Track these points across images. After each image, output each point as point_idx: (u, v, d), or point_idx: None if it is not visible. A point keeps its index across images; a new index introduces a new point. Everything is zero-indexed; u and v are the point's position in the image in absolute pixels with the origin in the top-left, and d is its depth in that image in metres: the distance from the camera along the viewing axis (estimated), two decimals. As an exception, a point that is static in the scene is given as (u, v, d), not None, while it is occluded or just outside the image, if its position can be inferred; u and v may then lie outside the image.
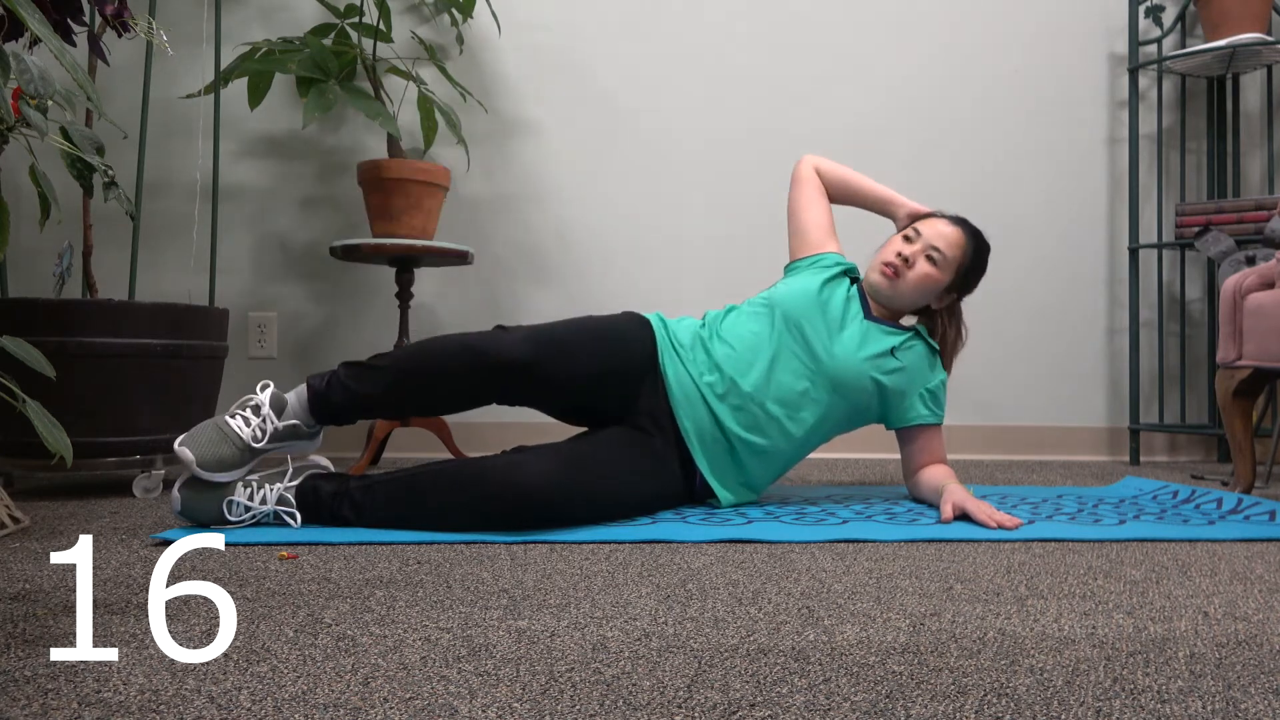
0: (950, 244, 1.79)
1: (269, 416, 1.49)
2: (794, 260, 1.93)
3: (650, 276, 2.86)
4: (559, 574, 1.21)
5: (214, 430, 1.46)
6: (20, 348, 1.22)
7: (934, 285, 1.80)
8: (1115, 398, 2.97)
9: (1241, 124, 3.00)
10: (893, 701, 0.76)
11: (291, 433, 1.52)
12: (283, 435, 1.51)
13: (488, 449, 2.76)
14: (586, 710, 0.73)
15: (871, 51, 2.93)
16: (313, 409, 1.53)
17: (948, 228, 1.81)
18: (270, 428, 1.49)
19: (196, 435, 1.45)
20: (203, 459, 1.42)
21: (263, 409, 1.50)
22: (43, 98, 1.23)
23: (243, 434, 1.46)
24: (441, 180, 2.38)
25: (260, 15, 2.77)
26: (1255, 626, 1.00)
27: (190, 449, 1.42)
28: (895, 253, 1.79)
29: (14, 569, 1.21)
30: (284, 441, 1.52)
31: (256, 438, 1.47)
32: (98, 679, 0.79)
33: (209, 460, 1.43)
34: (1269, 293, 1.87)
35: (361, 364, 1.56)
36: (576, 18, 2.86)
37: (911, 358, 1.80)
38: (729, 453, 1.71)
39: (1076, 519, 1.66)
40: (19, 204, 2.62)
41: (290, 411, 1.52)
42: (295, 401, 1.53)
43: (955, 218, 1.84)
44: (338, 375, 1.55)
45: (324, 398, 1.53)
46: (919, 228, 1.81)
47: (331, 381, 1.54)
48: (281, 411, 1.51)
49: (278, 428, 1.50)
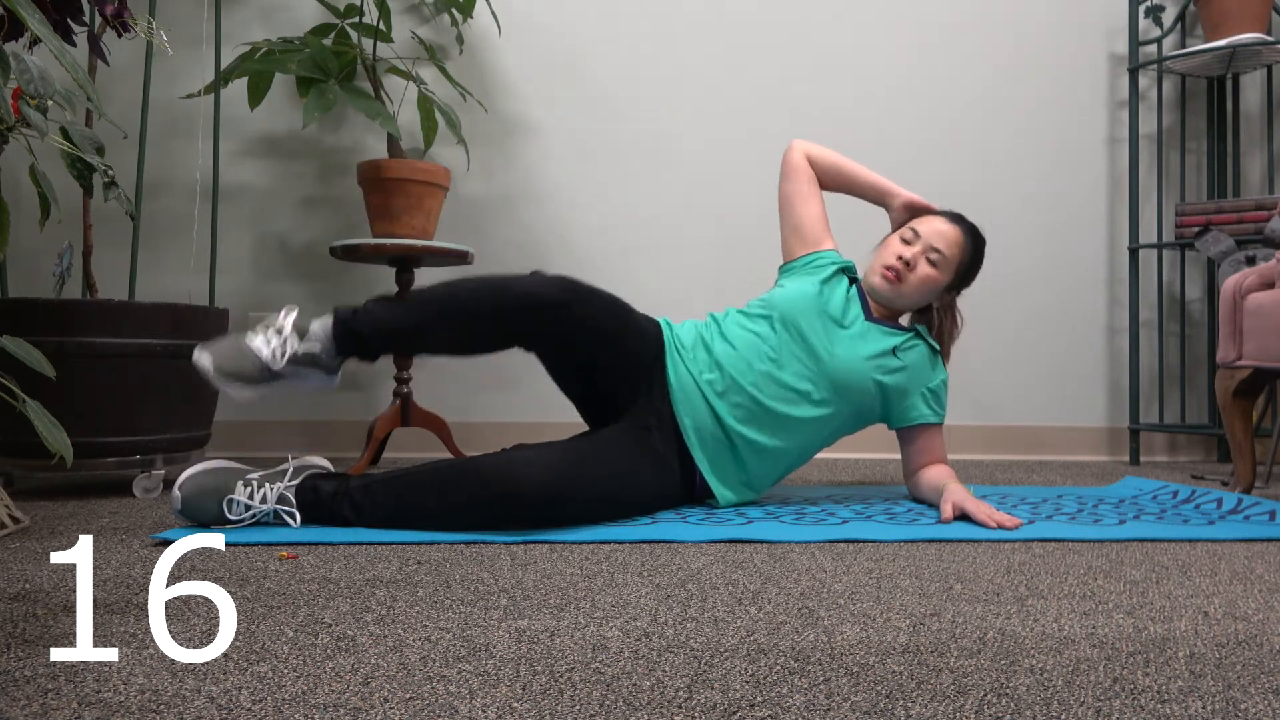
0: (950, 243, 1.78)
1: (290, 338, 1.47)
2: (789, 261, 1.92)
3: (650, 276, 2.86)
4: (559, 574, 1.21)
5: (234, 344, 1.44)
6: (20, 348, 1.22)
7: (936, 287, 1.80)
8: (1115, 398, 2.97)
9: (1241, 124, 3.00)
10: (893, 701, 0.76)
11: (310, 360, 1.49)
12: (301, 360, 1.48)
13: (488, 449, 2.76)
14: (586, 710, 0.73)
15: (871, 51, 2.93)
16: (337, 338, 1.50)
17: (946, 226, 1.80)
18: (290, 350, 1.46)
19: (216, 345, 1.43)
20: (221, 366, 1.41)
21: (285, 330, 1.48)
22: (43, 98, 1.23)
23: (262, 353, 1.44)
24: (441, 180, 2.38)
25: (260, 15, 2.77)
26: (1255, 626, 1.00)
27: (210, 356, 1.41)
28: (896, 256, 1.78)
29: (14, 569, 1.21)
30: (301, 369, 1.49)
31: (275, 359, 1.45)
32: (98, 679, 0.79)
33: (227, 369, 1.41)
34: (1269, 293, 1.87)
35: (392, 296, 1.54)
36: (576, 18, 2.86)
37: (913, 357, 1.79)
38: (729, 450, 1.71)
39: (1076, 519, 1.66)
40: (19, 204, 2.62)
41: (313, 336, 1.49)
42: (319, 329, 1.50)
43: (951, 214, 1.83)
44: (367, 305, 1.53)
45: (350, 327, 1.51)
46: (917, 228, 1.80)
47: (360, 311, 1.52)
48: (304, 336, 1.49)
49: (297, 352, 1.47)
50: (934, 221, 1.81)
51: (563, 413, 2.73)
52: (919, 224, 1.81)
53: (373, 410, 2.78)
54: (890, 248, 1.81)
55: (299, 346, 1.47)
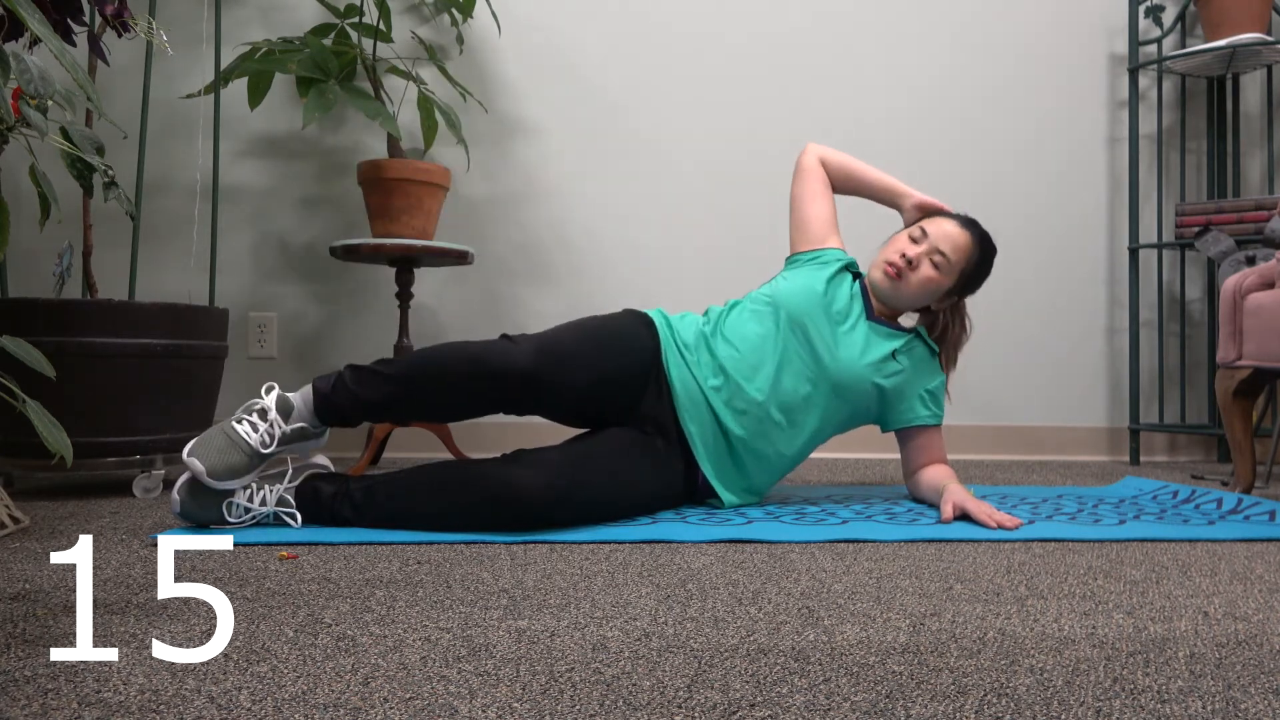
0: (956, 248, 1.76)
1: (276, 421, 1.48)
2: (795, 253, 1.91)
3: (650, 276, 2.86)
4: (559, 574, 1.21)
5: (222, 438, 1.45)
6: (20, 348, 1.22)
7: (936, 289, 1.78)
8: (1115, 398, 2.97)
9: (1241, 124, 3.00)
10: (893, 701, 0.76)
11: (299, 435, 1.51)
12: (290, 438, 1.50)
13: (488, 449, 2.76)
14: (586, 710, 0.73)
15: (871, 52, 2.93)
16: (318, 411, 1.53)
17: (955, 230, 1.78)
18: (278, 432, 1.48)
19: (205, 443, 1.43)
20: (213, 468, 1.42)
21: (269, 413, 1.49)
22: (43, 98, 1.23)
23: (250, 440, 1.45)
24: (441, 180, 2.38)
25: (260, 15, 2.77)
26: (1255, 626, 1.00)
27: (200, 459, 1.41)
28: (900, 253, 1.76)
29: (14, 569, 1.21)
30: (291, 444, 1.51)
31: (265, 443, 1.46)
32: (98, 679, 0.79)
33: (219, 469, 1.42)
34: (1269, 293, 1.87)
35: (367, 369, 1.55)
36: (576, 18, 2.86)
37: (912, 360, 1.79)
38: (731, 458, 1.71)
39: (1076, 519, 1.66)
40: (19, 204, 2.62)
41: (297, 415, 1.51)
42: (301, 404, 1.52)
43: (964, 218, 1.81)
44: (343, 379, 1.54)
45: (329, 401, 1.52)
46: (927, 228, 1.78)
47: (337, 385, 1.53)
48: (288, 415, 1.50)
49: (285, 432, 1.49)
50: (945, 223, 1.79)
51: (563, 413, 2.73)
52: (930, 224, 1.79)
53: (373, 410, 2.78)
54: (895, 244, 1.80)
55: (286, 428, 1.49)
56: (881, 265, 1.78)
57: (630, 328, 1.73)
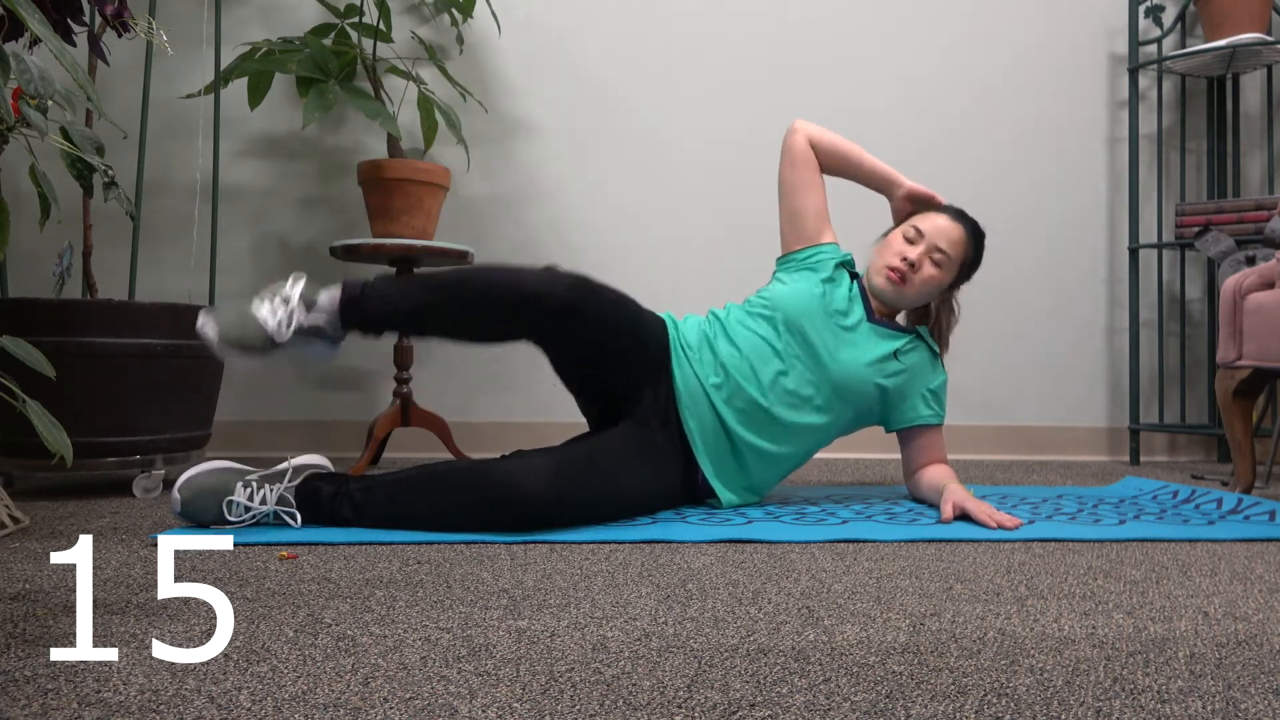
0: (954, 242, 1.76)
1: (298, 310, 1.44)
2: (788, 253, 1.88)
3: (650, 276, 2.86)
4: (559, 574, 1.21)
5: (238, 313, 1.41)
6: (20, 348, 1.22)
7: (940, 287, 1.79)
8: (1115, 398, 2.97)
9: (1241, 124, 3.00)
10: (893, 701, 0.76)
11: (315, 331, 1.47)
12: (307, 332, 1.46)
13: (488, 449, 2.76)
14: (586, 710, 0.73)
15: (871, 51, 2.93)
16: (343, 310, 1.48)
17: (949, 224, 1.77)
18: (297, 321, 1.44)
19: (221, 311, 1.40)
20: (225, 334, 1.38)
21: (292, 300, 1.45)
22: (43, 98, 1.23)
23: (268, 324, 1.41)
24: (441, 180, 2.38)
25: (260, 15, 2.77)
26: (1255, 626, 1.00)
27: (213, 323, 1.38)
28: (899, 255, 1.75)
29: (14, 569, 1.21)
30: (306, 339, 1.47)
31: (282, 329, 1.42)
32: (98, 679, 0.79)
33: (232, 338, 1.39)
34: (1269, 293, 1.87)
35: (403, 276, 1.50)
36: (576, 18, 2.86)
37: (913, 360, 1.79)
38: (733, 455, 1.71)
39: (1076, 519, 1.66)
40: (19, 204, 2.62)
41: (319, 309, 1.47)
42: (326, 301, 1.48)
43: (953, 210, 1.81)
44: (376, 283, 1.51)
45: (357, 301, 1.48)
46: (920, 226, 1.78)
47: (368, 288, 1.50)
48: (311, 307, 1.46)
49: (303, 324, 1.45)
50: (937, 219, 1.78)
51: (563, 413, 2.73)
52: (921, 221, 1.78)
53: (373, 410, 2.78)
54: (893, 247, 1.79)
55: (305, 319, 1.45)
56: (883, 271, 1.77)
57: (650, 318, 1.74)
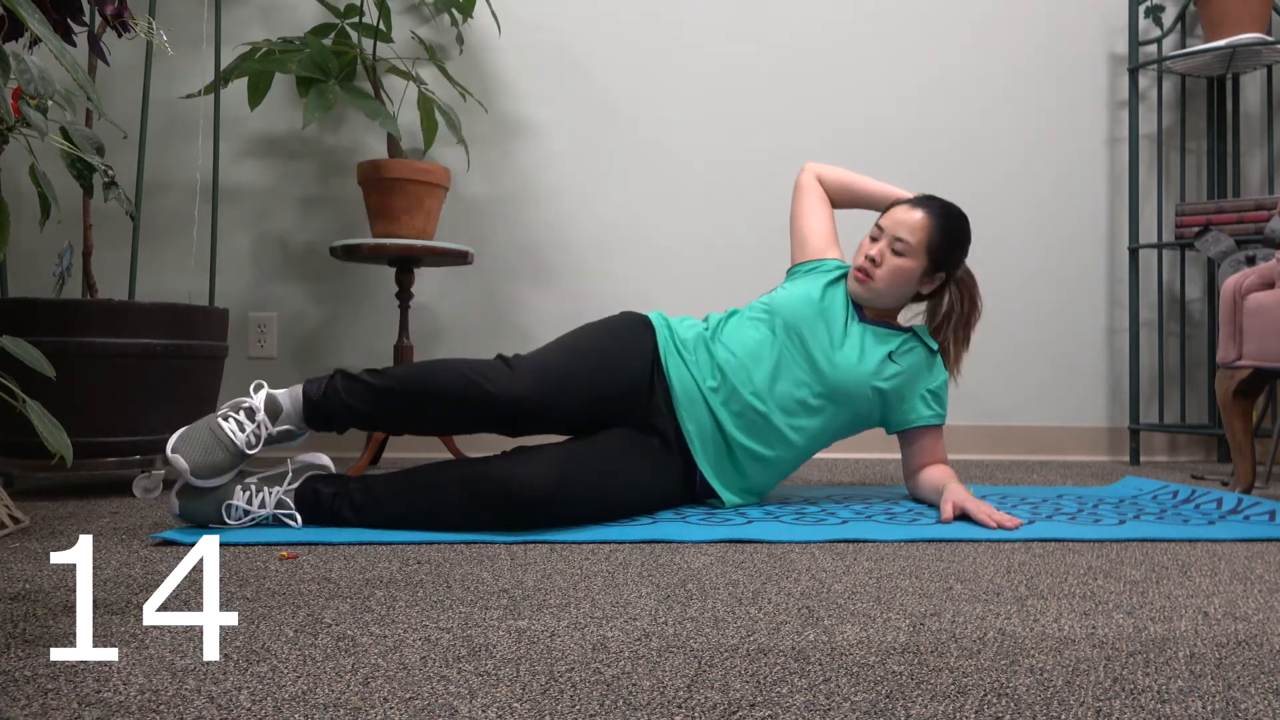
0: (912, 229, 1.74)
1: (264, 422, 1.48)
2: (795, 264, 1.92)
3: (649, 277, 2.86)
4: (559, 574, 1.21)
5: (207, 434, 1.44)
6: (20, 348, 1.22)
7: (907, 275, 1.76)
8: (1115, 398, 2.97)
9: (1241, 124, 3.00)
10: (893, 701, 0.76)
11: (284, 436, 1.52)
12: (275, 439, 1.51)
13: (488, 448, 2.76)
14: (586, 710, 0.73)
15: (871, 53, 2.93)
16: (306, 416, 1.52)
17: (908, 213, 1.76)
18: (265, 433, 1.48)
19: (189, 439, 1.43)
20: (196, 467, 1.41)
21: (257, 414, 1.48)
22: (43, 98, 1.23)
23: (236, 439, 1.45)
24: (441, 180, 2.38)
25: (260, 15, 2.77)
26: (1255, 626, 1.00)
27: (184, 456, 1.41)
28: (864, 255, 1.77)
29: (14, 569, 1.21)
30: (275, 444, 1.52)
31: (250, 444, 1.46)
32: (98, 679, 0.79)
33: (203, 468, 1.42)
34: (1269, 293, 1.87)
35: (359, 378, 1.53)
36: (577, 18, 2.86)
37: (910, 360, 1.79)
38: (730, 458, 1.71)
39: (1076, 519, 1.66)
40: (19, 204, 2.62)
41: (284, 416, 1.51)
42: (289, 405, 1.51)
43: (916, 199, 1.80)
44: (335, 386, 1.53)
45: (318, 408, 1.52)
46: (882, 223, 1.78)
47: (328, 391, 1.52)
48: (276, 417, 1.50)
49: (271, 433, 1.49)
50: (897, 211, 1.78)
51: (563, 413, 2.73)
52: (885, 218, 1.79)
53: (373, 410, 2.77)
54: (860, 249, 1.80)
55: (272, 429, 1.49)
56: (852, 274, 1.78)
57: (629, 333, 1.72)
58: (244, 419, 1.47)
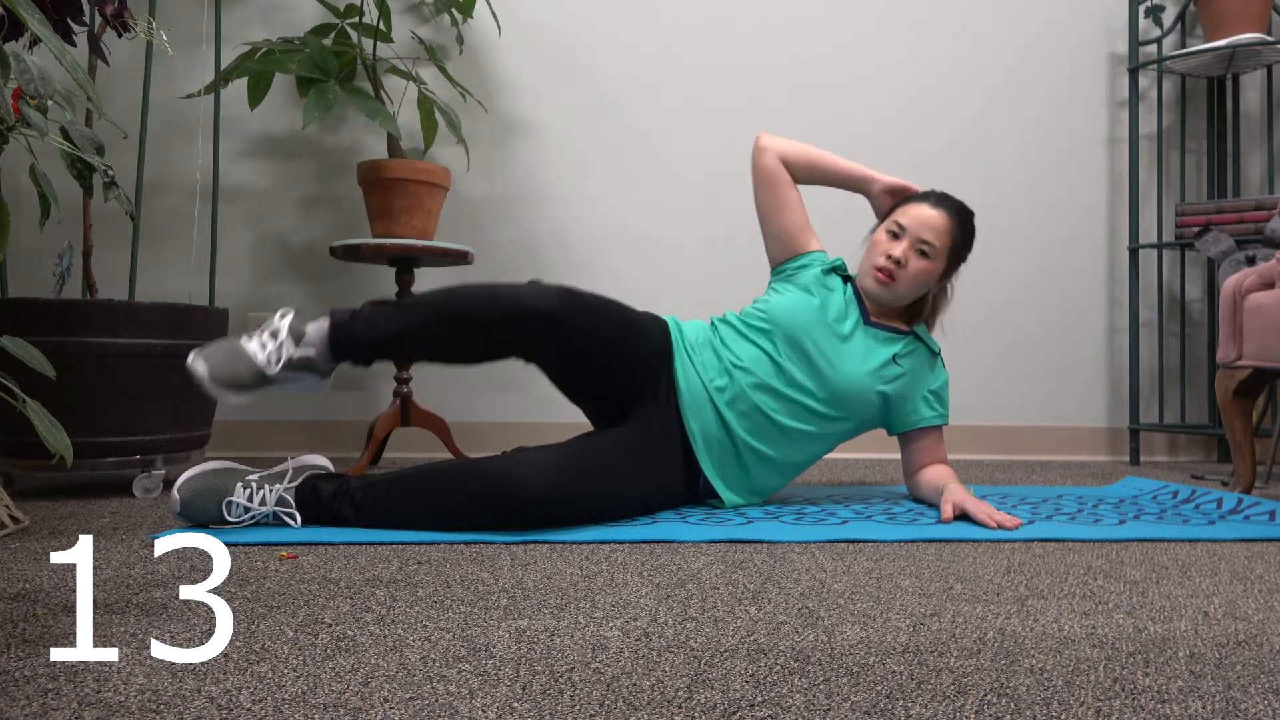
0: (938, 232, 1.73)
1: (286, 343, 1.47)
2: (779, 264, 1.88)
3: (649, 277, 2.86)
4: (559, 574, 1.21)
5: (229, 350, 1.44)
6: (20, 348, 1.22)
7: (930, 277, 1.76)
8: (1115, 398, 2.97)
9: (1241, 124, 3.00)
10: (893, 701, 0.76)
11: (305, 364, 1.49)
12: (296, 365, 1.48)
13: (488, 449, 2.76)
14: (586, 710, 0.73)
15: (871, 53, 2.93)
16: (332, 342, 1.50)
17: (930, 213, 1.74)
18: (286, 355, 1.46)
19: (211, 351, 1.43)
20: (216, 372, 1.40)
21: (280, 334, 1.47)
22: (43, 98, 1.23)
23: (258, 358, 1.44)
24: (441, 180, 2.38)
25: (260, 15, 2.77)
26: (1255, 626, 1.00)
27: (204, 362, 1.40)
28: (885, 254, 1.73)
29: (14, 569, 1.21)
30: (296, 372, 1.49)
31: (271, 363, 1.45)
32: (98, 679, 0.79)
33: (223, 375, 1.41)
34: (1269, 293, 1.87)
35: (390, 302, 1.53)
36: (577, 18, 2.86)
37: (912, 362, 1.79)
38: (735, 458, 1.70)
39: (1076, 519, 1.66)
40: (19, 204, 2.62)
41: (308, 341, 1.49)
42: (315, 333, 1.50)
43: (934, 196, 1.77)
44: (364, 310, 1.52)
45: (346, 330, 1.51)
46: (902, 220, 1.75)
47: (356, 315, 1.52)
48: (299, 340, 1.48)
49: (293, 356, 1.47)
50: (918, 209, 1.75)
51: (564, 413, 2.74)
52: (902, 215, 1.76)
53: (373, 410, 2.78)
54: (879, 246, 1.76)
55: (294, 351, 1.47)
56: (871, 273, 1.76)
57: (647, 320, 1.73)
58: (267, 339, 1.47)
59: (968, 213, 1.79)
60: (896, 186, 1.84)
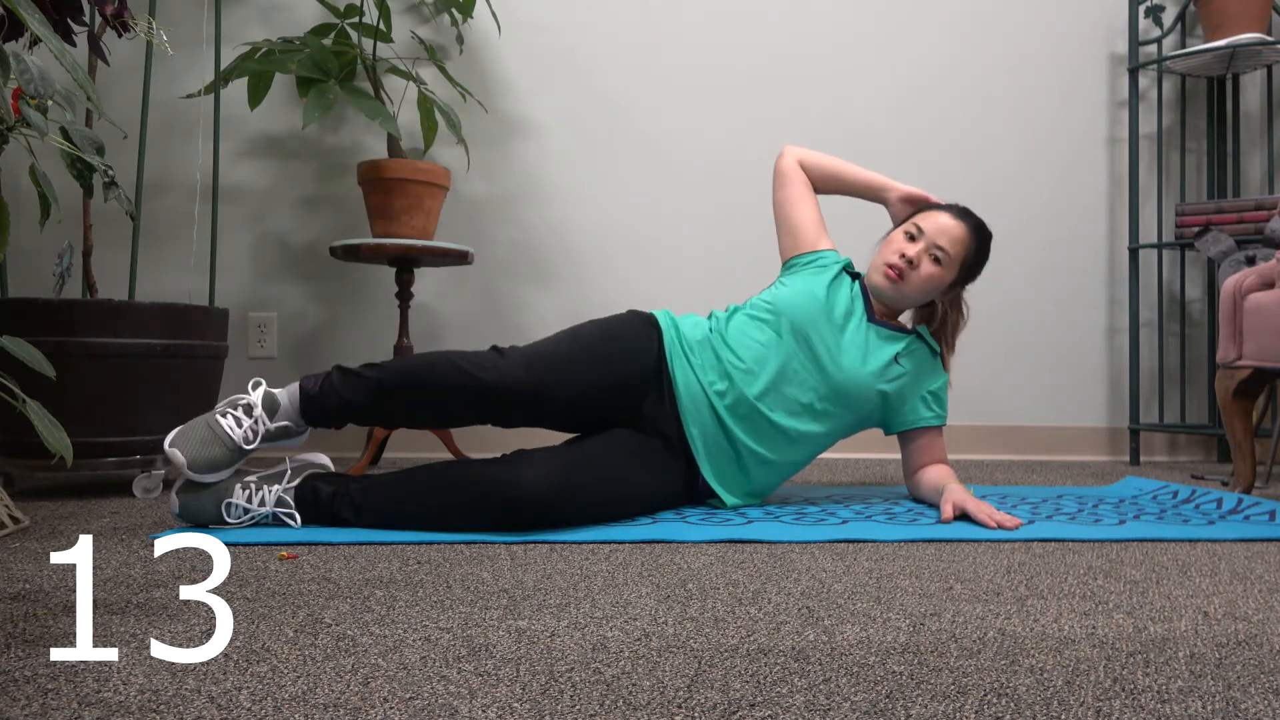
0: (954, 241, 1.75)
1: (261, 418, 1.49)
2: (791, 257, 1.89)
3: (650, 277, 2.86)
4: (559, 574, 1.21)
5: (205, 430, 1.45)
6: (20, 348, 1.22)
7: (939, 285, 1.77)
8: (1115, 398, 2.97)
9: (1241, 124, 3.00)
10: (893, 701, 0.76)
11: (282, 433, 1.52)
12: (273, 436, 1.51)
13: (488, 449, 2.76)
14: (586, 710, 0.73)
15: (872, 53, 2.93)
16: (303, 411, 1.53)
17: (950, 222, 1.76)
18: (262, 429, 1.48)
19: (187, 435, 1.44)
20: (194, 461, 1.42)
21: (255, 410, 1.49)
22: (43, 98, 1.22)
23: (234, 435, 1.46)
24: (441, 180, 2.38)
25: (260, 15, 2.77)
26: (1255, 626, 1.00)
27: (181, 450, 1.41)
28: (898, 253, 1.74)
29: (14, 569, 1.21)
30: (273, 441, 1.52)
31: (248, 439, 1.47)
32: (98, 679, 0.79)
33: (200, 462, 1.43)
34: (1269, 293, 1.87)
35: (355, 371, 1.54)
36: (577, 18, 2.86)
37: (913, 363, 1.79)
38: (735, 460, 1.70)
39: (1076, 519, 1.66)
40: (19, 204, 2.62)
41: (282, 413, 1.51)
42: (287, 402, 1.52)
43: (956, 209, 1.79)
44: (331, 380, 1.54)
45: (315, 401, 1.52)
46: (921, 224, 1.77)
47: (325, 386, 1.53)
48: (274, 413, 1.51)
49: (269, 429, 1.50)
50: (938, 217, 1.77)
51: (563, 413, 2.73)
52: (923, 219, 1.78)
53: (373, 410, 2.77)
54: (893, 244, 1.78)
55: (270, 425, 1.50)
56: (881, 268, 1.77)
57: (632, 330, 1.72)
58: (241, 415, 1.48)
59: (986, 232, 1.81)
60: (914, 196, 1.86)
